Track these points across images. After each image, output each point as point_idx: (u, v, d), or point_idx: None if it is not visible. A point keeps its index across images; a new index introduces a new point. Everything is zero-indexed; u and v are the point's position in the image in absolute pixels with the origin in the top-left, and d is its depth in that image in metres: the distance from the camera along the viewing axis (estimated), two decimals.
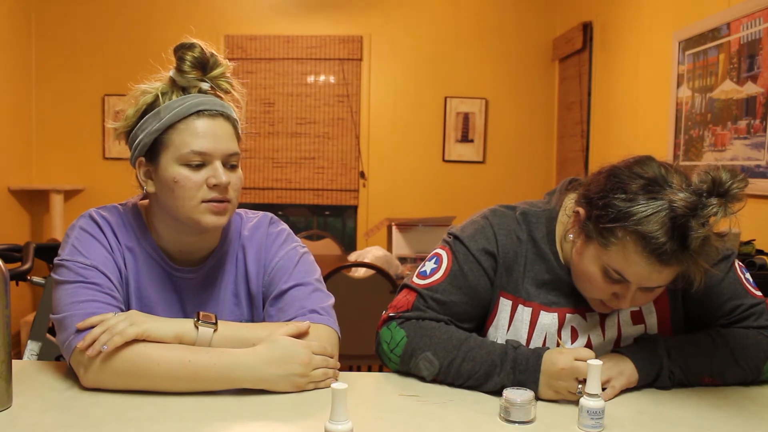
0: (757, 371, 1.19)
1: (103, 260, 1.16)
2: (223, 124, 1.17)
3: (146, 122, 1.16)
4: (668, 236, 1.02)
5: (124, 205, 1.25)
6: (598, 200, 1.10)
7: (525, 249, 1.26)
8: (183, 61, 1.16)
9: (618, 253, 1.08)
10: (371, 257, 3.13)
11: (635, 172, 1.08)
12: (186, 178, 1.14)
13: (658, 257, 1.04)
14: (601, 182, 1.12)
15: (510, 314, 1.26)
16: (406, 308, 1.25)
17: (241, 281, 1.28)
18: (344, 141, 4.89)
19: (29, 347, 2.32)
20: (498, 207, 1.32)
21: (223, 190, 1.15)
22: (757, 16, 2.43)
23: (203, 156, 1.14)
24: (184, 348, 1.10)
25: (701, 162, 2.80)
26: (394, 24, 4.82)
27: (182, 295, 1.24)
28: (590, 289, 1.17)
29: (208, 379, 1.08)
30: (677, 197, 1.02)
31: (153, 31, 4.63)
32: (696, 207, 1.01)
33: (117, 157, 4.74)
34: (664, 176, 1.06)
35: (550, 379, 1.09)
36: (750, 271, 1.36)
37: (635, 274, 1.08)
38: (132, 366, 1.07)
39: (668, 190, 1.04)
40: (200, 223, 1.16)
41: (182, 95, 1.17)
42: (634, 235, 1.05)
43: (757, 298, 1.25)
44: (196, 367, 1.07)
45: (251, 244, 1.28)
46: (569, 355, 1.08)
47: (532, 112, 4.85)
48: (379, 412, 1.06)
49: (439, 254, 1.29)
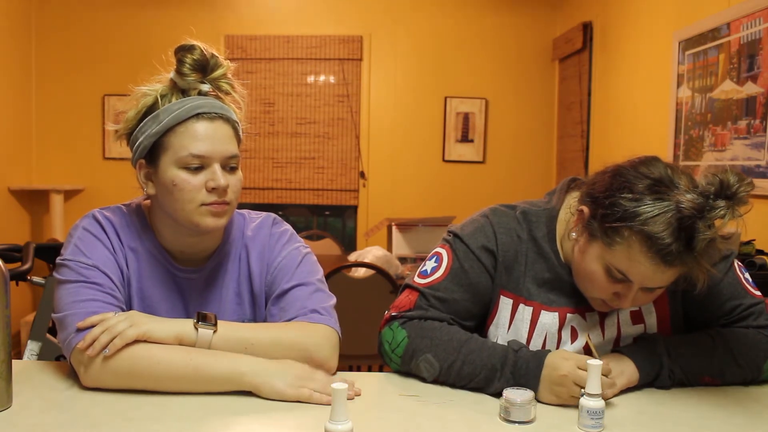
0: (756, 370, 1.20)
1: (105, 260, 1.17)
2: (222, 127, 1.16)
3: (146, 125, 1.16)
4: (674, 237, 1.02)
5: (127, 205, 1.26)
6: (604, 199, 1.10)
7: (525, 248, 1.26)
8: (183, 63, 1.16)
9: (622, 252, 1.08)
10: (371, 257, 3.13)
11: (641, 172, 1.08)
12: (184, 181, 1.14)
13: (663, 258, 1.04)
14: (606, 181, 1.12)
15: (511, 313, 1.26)
16: (409, 307, 1.25)
17: (243, 281, 1.28)
18: (344, 141, 4.89)
19: (29, 347, 2.32)
20: (498, 206, 1.32)
21: (222, 193, 1.15)
22: (757, 16, 2.43)
23: (201, 159, 1.14)
24: (185, 348, 1.10)
25: (701, 162, 2.80)
26: (394, 24, 4.82)
27: (185, 295, 1.24)
28: (592, 288, 1.17)
29: (212, 379, 1.08)
30: (685, 198, 1.02)
31: (153, 31, 4.64)
32: (703, 209, 1.01)
33: (117, 157, 4.75)
34: (671, 177, 1.06)
35: (552, 385, 1.08)
36: (750, 271, 1.36)
37: (639, 274, 1.08)
38: (132, 366, 1.07)
39: (675, 191, 1.04)
40: (199, 226, 1.16)
41: (182, 97, 1.17)
42: (639, 235, 1.05)
43: (757, 298, 1.25)
44: (197, 366, 1.08)
45: (254, 244, 1.28)
46: (572, 361, 1.08)
47: (532, 112, 4.85)
48: (379, 412, 1.06)
49: (440, 253, 1.29)
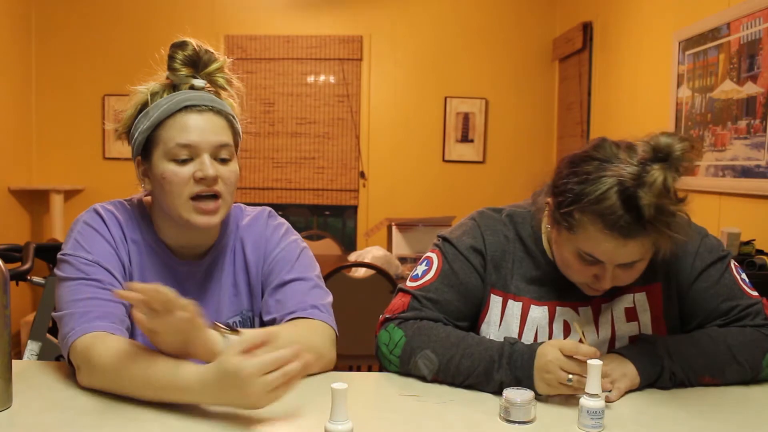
0: (756, 367, 1.20)
1: (106, 255, 1.16)
2: (212, 118, 1.16)
3: (139, 121, 1.17)
4: (623, 209, 1.04)
5: (129, 200, 1.26)
6: (558, 187, 1.14)
7: (513, 247, 1.29)
8: (173, 59, 1.17)
9: (583, 234, 1.10)
10: (371, 257, 3.13)
11: (589, 155, 1.11)
12: (173, 173, 1.13)
13: (619, 231, 1.06)
14: (561, 170, 1.16)
15: (501, 310, 1.28)
16: (402, 309, 1.27)
17: (240, 272, 1.28)
18: (344, 141, 4.89)
19: (29, 347, 2.32)
20: (485, 209, 1.35)
21: (210, 183, 1.14)
22: (757, 16, 2.43)
23: (189, 149, 1.14)
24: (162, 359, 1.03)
25: (701, 162, 2.80)
26: (394, 24, 4.82)
27: (184, 287, 1.24)
28: (572, 274, 1.19)
29: (163, 391, 1.01)
30: (624, 171, 1.05)
31: (153, 31, 4.63)
32: (640, 176, 1.04)
33: (117, 157, 4.75)
34: (615, 153, 1.09)
35: (541, 372, 1.09)
36: (750, 271, 1.36)
37: (604, 252, 1.10)
38: (113, 370, 1.03)
39: (616, 165, 1.07)
40: (189, 222, 1.16)
41: (172, 93, 1.18)
42: (591, 214, 1.07)
43: (753, 299, 1.25)
44: (156, 377, 1.01)
45: (249, 235, 1.29)
46: (555, 346, 1.09)
47: (532, 112, 4.85)
48: (379, 412, 1.06)
49: (430, 257, 1.32)
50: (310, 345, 1.15)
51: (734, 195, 2.57)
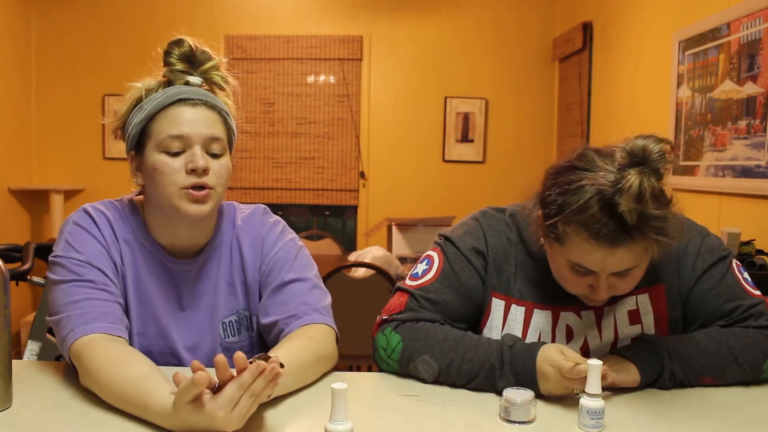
0: (757, 370, 1.19)
1: (98, 254, 1.16)
2: (205, 112, 1.17)
3: (133, 116, 1.18)
4: (607, 218, 1.03)
5: (119, 200, 1.26)
6: (543, 199, 1.13)
7: (515, 249, 1.27)
8: (169, 54, 1.19)
9: (570, 245, 1.09)
10: (371, 257, 3.13)
11: (572, 164, 1.09)
12: (164, 164, 1.14)
13: (605, 240, 1.04)
14: (546, 181, 1.14)
15: (503, 314, 1.26)
16: (399, 310, 1.25)
17: (236, 271, 1.28)
18: (344, 141, 4.89)
19: (29, 347, 2.32)
20: (488, 209, 1.33)
21: (201, 175, 1.14)
22: (757, 16, 2.43)
23: (181, 140, 1.14)
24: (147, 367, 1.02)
25: (701, 162, 2.80)
26: (394, 24, 4.82)
27: (179, 286, 1.24)
28: (568, 287, 1.18)
29: (137, 411, 0.97)
30: (603, 179, 1.03)
31: (153, 31, 4.63)
32: (617, 183, 1.02)
33: (117, 157, 4.74)
34: (595, 161, 1.07)
35: (543, 379, 1.09)
36: (750, 271, 1.36)
37: (593, 262, 1.08)
38: (96, 379, 1.02)
39: (595, 174, 1.05)
40: (180, 211, 1.15)
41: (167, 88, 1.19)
42: (575, 225, 1.06)
43: (756, 298, 1.24)
44: (131, 396, 0.97)
45: (245, 234, 1.29)
46: (558, 352, 1.07)
47: (532, 112, 4.85)
48: (379, 412, 1.06)
49: (431, 256, 1.30)
50: (318, 354, 1.16)
51: (734, 195, 2.57)
